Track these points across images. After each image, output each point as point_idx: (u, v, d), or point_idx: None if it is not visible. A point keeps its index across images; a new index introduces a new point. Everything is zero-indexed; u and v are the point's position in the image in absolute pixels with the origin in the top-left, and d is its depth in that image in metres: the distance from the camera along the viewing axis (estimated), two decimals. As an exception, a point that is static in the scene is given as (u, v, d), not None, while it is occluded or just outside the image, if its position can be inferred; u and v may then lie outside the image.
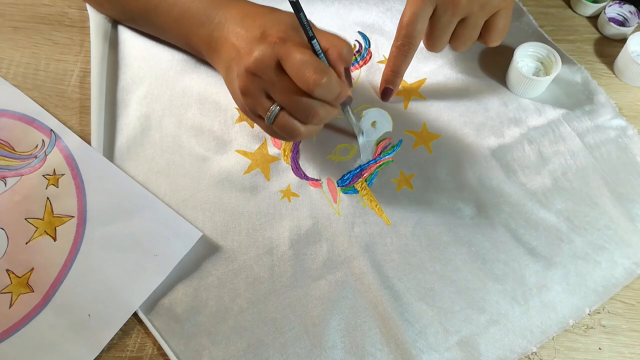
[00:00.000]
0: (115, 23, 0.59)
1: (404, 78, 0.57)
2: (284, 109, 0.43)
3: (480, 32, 0.51)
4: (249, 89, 0.43)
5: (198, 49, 0.52)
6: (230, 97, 0.56)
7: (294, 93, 0.42)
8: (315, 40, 0.42)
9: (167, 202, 0.51)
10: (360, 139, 0.54)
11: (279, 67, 0.42)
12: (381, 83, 0.55)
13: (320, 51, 0.42)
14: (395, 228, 0.50)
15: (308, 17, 0.53)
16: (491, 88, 0.57)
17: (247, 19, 0.46)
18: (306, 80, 0.40)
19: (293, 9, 0.41)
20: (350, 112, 0.50)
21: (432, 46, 0.51)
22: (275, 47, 0.41)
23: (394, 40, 0.51)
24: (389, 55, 0.52)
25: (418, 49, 0.51)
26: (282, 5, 0.46)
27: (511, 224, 0.50)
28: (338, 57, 0.43)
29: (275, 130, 0.45)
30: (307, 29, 0.41)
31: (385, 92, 0.55)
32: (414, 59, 0.52)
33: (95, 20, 0.58)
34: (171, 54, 0.58)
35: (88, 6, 0.59)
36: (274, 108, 0.43)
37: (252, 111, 0.45)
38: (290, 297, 0.48)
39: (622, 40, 0.58)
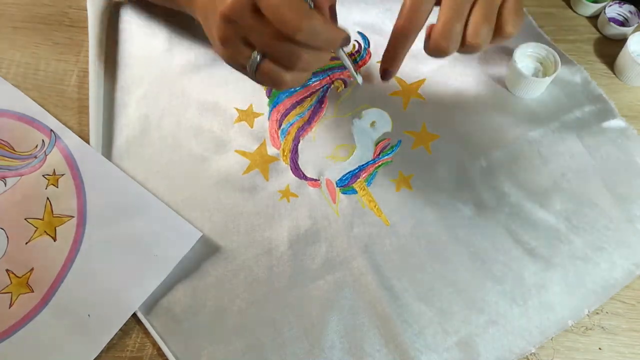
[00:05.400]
0: (114, 22, 0.59)
1: (403, 78, 0.57)
2: (267, 56, 0.39)
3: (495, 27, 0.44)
4: (227, 38, 0.39)
5: (178, 3, 0.49)
6: (230, 97, 0.56)
7: (274, 38, 0.37)
8: None
9: (166, 202, 0.51)
10: (359, 80, 0.48)
11: (257, 10, 0.37)
12: (381, 64, 0.48)
13: None
14: (394, 228, 0.50)
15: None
16: (490, 89, 0.57)
17: None
18: (285, 24, 0.36)
19: None
20: (344, 54, 0.45)
21: (444, 37, 0.43)
22: None
23: (396, 21, 0.45)
24: (390, 36, 0.48)
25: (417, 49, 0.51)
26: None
27: (510, 225, 0.50)
28: None
29: (259, 80, 0.41)
30: None
31: (385, 73, 0.48)
32: (413, 59, 0.52)
33: (94, 20, 0.58)
34: (170, 55, 0.58)
35: (87, 5, 0.59)
36: (255, 56, 0.39)
37: (233, 61, 0.42)
38: (289, 297, 0.48)
39: (622, 40, 0.58)
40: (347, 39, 0.40)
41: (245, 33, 0.39)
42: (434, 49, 0.44)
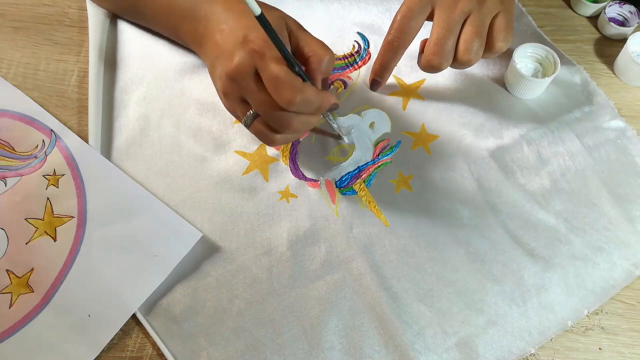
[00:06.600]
0: (114, 23, 0.59)
1: (402, 79, 0.57)
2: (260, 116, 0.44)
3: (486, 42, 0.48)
4: (229, 93, 0.44)
5: (185, 42, 0.53)
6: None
7: (269, 104, 0.41)
8: (288, 54, 0.41)
9: (166, 202, 0.51)
10: (346, 140, 0.54)
11: (257, 76, 0.41)
12: (370, 74, 0.55)
13: (295, 63, 0.41)
14: (393, 229, 0.50)
15: (308, 17, 0.53)
16: (490, 89, 0.57)
17: (230, 17, 0.46)
18: (280, 97, 0.40)
19: (260, 24, 0.38)
20: (330, 117, 0.51)
21: (437, 54, 0.46)
22: (253, 56, 0.41)
23: (386, 35, 0.50)
24: (380, 49, 0.52)
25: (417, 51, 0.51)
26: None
27: (510, 225, 0.50)
28: (317, 66, 0.43)
29: (252, 132, 0.46)
30: (278, 46, 0.40)
31: (373, 83, 0.55)
32: (413, 59, 0.52)
33: (94, 20, 0.58)
34: (170, 55, 0.58)
35: (87, 5, 0.59)
36: (250, 114, 0.44)
37: (231, 112, 0.46)
38: (289, 298, 0.48)
39: (622, 40, 0.58)
40: (335, 105, 0.44)
41: (244, 93, 0.43)
42: (427, 65, 0.48)
